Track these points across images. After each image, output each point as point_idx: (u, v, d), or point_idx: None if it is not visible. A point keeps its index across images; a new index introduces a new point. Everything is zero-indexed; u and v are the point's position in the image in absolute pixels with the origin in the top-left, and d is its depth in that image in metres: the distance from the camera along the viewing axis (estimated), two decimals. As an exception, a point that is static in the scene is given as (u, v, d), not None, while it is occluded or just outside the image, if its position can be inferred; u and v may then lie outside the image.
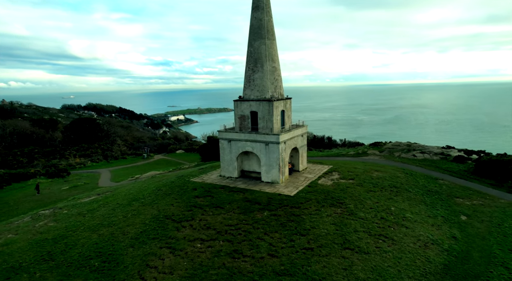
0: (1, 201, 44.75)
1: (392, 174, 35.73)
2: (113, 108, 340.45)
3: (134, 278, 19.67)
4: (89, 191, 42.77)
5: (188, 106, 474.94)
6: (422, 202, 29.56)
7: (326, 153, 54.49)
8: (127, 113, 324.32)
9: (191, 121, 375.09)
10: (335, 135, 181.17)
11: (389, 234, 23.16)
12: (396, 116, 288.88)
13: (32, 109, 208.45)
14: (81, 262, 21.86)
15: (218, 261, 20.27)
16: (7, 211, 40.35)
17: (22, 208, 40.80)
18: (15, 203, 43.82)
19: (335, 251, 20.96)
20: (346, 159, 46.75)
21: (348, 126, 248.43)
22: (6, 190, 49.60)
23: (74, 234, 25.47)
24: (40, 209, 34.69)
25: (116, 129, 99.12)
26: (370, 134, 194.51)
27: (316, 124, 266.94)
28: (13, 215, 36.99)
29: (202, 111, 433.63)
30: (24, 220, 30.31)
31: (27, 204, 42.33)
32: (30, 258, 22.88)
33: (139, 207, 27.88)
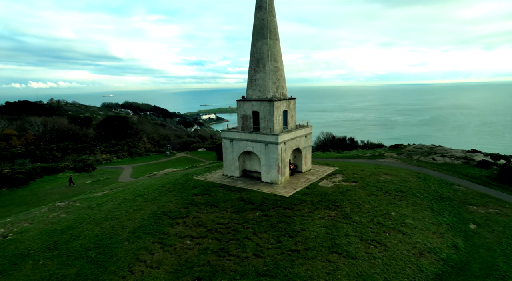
0: (31, 192, 48.28)
1: (402, 178, 34.40)
2: (148, 106, 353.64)
3: (124, 271, 20.64)
4: (107, 186, 45.05)
5: (220, 105, 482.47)
6: (428, 208, 28.26)
7: (342, 155, 53.36)
8: (161, 112, 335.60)
9: (222, 120, 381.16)
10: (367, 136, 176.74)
11: (383, 239, 22.44)
12: (433, 117, 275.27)
13: (75, 107, 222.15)
14: (81, 252, 23.24)
15: (204, 259, 20.73)
16: (35, 201, 43.50)
17: (48, 199, 43.75)
18: (43, 194, 47.10)
19: (321, 254, 20.69)
20: (359, 161, 45.58)
21: (381, 127, 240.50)
22: (38, 182, 53.40)
23: (80, 226, 27.06)
24: (59, 201, 37.07)
25: (144, 127, 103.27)
26: (404, 135, 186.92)
27: (347, 124, 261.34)
28: (37, 205, 39.87)
29: (233, 110, 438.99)
30: (42, 210, 32.63)
31: (53, 196, 45.36)
32: (38, 246, 24.65)
33: (142, 203, 29.05)
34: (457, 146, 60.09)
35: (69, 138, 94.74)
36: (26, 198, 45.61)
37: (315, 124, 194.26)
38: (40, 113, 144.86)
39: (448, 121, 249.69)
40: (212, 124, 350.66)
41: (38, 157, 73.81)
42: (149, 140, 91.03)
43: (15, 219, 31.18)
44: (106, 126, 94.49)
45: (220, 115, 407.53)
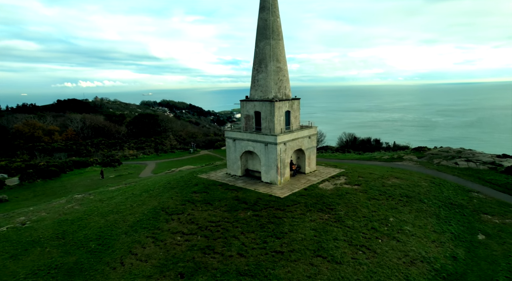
0: (61, 184, 52.00)
1: (413, 182, 32.90)
2: (184, 104, 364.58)
3: (116, 262, 21.80)
4: (124, 181, 47.38)
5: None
6: (434, 215, 26.87)
7: (360, 156, 51.87)
8: (196, 110, 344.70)
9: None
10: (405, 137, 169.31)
11: (373, 246, 21.74)
12: (480, 119, 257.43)
13: (116, 105, 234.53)
14: (83, 242, 24.83)
15: (190, 255, 21.34)
16: (63, 192, 46.77)
17: (74, 191, 46.85)
18: (71, 186, 50.57)
19: (305, 257, 20.50)
20: (374, 163, 44.14)
21: (420, 128, 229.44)
22: (69, 174, 57.38)
23: (88, 218, 28.85)
24: (77, 193, 39.65)
25: (172, 125, 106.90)
26: (445, 137, 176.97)
27: (383, 125, 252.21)
28: (64, 196, 42.90)
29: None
30: (60, 201, 35.15)
31: (79, 188, 48.52)
32: (48, 235, 26.66)
33: (146, 198, 30.35)
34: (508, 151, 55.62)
35: (103, 134, 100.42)
36: (56, 189, 49.22)
37: (349, 124, 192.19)
38: (87, 110, 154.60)
39: (497, 123, 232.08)
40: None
41: (74, 152, 79.12)
42: (176, 137, 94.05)
43: (36, 209, 33.89)
44: (137, 124, 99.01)
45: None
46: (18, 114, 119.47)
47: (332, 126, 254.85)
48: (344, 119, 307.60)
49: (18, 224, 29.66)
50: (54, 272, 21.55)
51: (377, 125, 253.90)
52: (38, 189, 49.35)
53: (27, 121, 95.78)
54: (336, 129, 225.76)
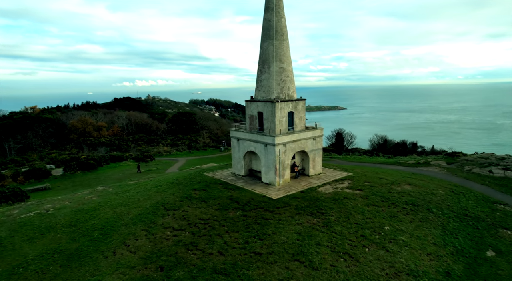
0: (96, 176, 56.41)
1: (427, 190, 30.76)
2: (229, 103, 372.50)
3: (109, 251, 23.39)
4: (146, 175, 50.06)
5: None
6: (440, 226, 24.96)
7: (385, 160, 49.37)
8: (241, 109, 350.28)
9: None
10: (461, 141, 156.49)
11: (357, 254, 20.87)
12: None
13: (166, 103, 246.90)
14: (89, 231, 26.94)
15: (174, 250, 22.20)
16: (96, 184, 50.64)
17: (106, 182, 50.65)
18: (104, 178, 54.64)
19: (282, 260, 20.32)
20: (396, 168, 41.83)
21: (481, 132, 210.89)
22: (104, 168, 62.03)
23: (100, 209, 31.16)
24: (101, 185, 42.82)
25: (208, 123, 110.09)
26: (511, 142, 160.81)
27: (437, 127, 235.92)
28: (93, 187, 46.62)
29: (311, 109, 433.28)
30: (84, 192, 38.30)
31: (109, 180, 52.26)
32: (64, 222, 29.31)
33: (153, 193, 31.97)
34: None
35: (145, 131, 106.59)
36: (91, 180, 53.53)
37: (399, 126, 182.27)
38: (139, 108, 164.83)
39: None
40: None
41: (116, 146, 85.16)
42: (211, 135, 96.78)
43: (63, 198, 37.32)
44: (175, 121, 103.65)
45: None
46: (76, 111, 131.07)
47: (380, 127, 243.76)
48: (394, 120, 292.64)
49: (43, 211, 32.99)
50: (57, 256, 23.72)
51: (430, 127, 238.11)
52: (77, 180, 54.05)
53: (81, 117, 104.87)
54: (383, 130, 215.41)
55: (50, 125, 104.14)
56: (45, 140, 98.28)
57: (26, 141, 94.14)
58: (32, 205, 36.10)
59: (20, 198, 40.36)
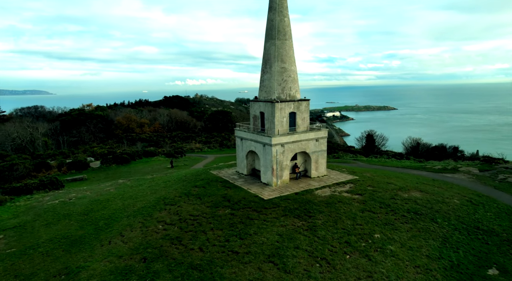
0: (127, 170, 60.16)
1: (440, 198, 28.53)
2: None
3: (106, 240, 25.08)
4: (169, 171, 52.31)
5: (346, 103, 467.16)
6: (440, 237, 23.09)
7: (409, 164, 46.38)
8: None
9: (347, 118, 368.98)
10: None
11: (335, 260, 20.13)
12: None
13: (212, 101, 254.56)
14: (96, 220, 29.07)
15: (160, 243, 23.18)
16: (126, 176, 54.19)
17: (133, 176, 53.94)
18: (134, 172, 58.13)
19: (256, 261, 20.29)
20: (417, 173, 39.22)
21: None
22: (137, 162, 65.98)
23: (113, 200, 33.43)
24: (122, 178, 45.66)
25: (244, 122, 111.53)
26: None
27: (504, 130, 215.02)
28: (118, 179, 49.91)
29: (359, 109, 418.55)
30: (106, 184, 41.26)
31: (138, 174, 55.51)
32: (79, 211, 31.94)
33: (160, 188, 33.51)
34: None
35: (184, 128, 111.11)
36: (122, 173, 57.32)
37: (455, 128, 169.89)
38: (187, 106, 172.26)
39: None
40: (335, 122, 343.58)
41: (153, 142, 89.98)
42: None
43: (87, 188, 40.60)
44: (212, 120, 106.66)
45: (345, 113, 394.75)
46: (124, 108, 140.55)
47: (433, 129, 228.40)
48: (450, 121, 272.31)
49: (67, 199, 36.24)
50: (63, 241, 26.00)
51: (495, 130, 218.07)
52: (110, 172, 58.23)
53: (126, 114, 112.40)
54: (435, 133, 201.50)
55: (100, 121, 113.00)
56: (95, 135, 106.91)
57: (80, 135, 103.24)
58: (61, 194, 39.79)
59: (56, 186, 44.61)
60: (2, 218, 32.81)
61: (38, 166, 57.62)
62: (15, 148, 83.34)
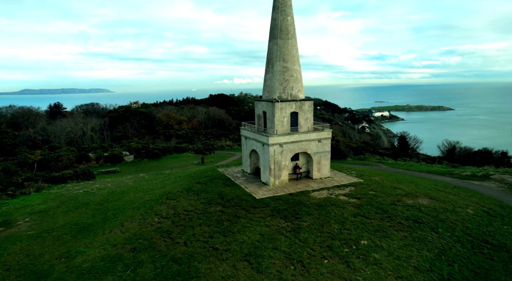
0: (157, 164, 63.22)
1: (451, 207, 26.39)
2: (319, 101, 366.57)
3: (108, 229, 26.80)
4: (189, 167, 54.07)
5: (397, 102, 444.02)
6: (437, 249, 21.43)
7: (438, 169, 43.16)
8: (331, 107, 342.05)
9: (396, 119, 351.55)
10: None
11: (312, 264, 19.64)
12: None
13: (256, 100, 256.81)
14: (107, 210, 31.18)
15: (151, 235, 24.30)
16: (153, 170, 57.17)
17: (159, 170, 56.67)
18: (162, 166, 61.02)
19: (233, 259, 20.50)
20: (439, 178, 36.49)
21: None
22: (167, 157, 69.19)
23: (127, 192, 35.57)
24: (143, 172, 48.16)
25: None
26: None
27: None
28: (146, 172, 52.77)
29: (411, 108, 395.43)
30: (128, 177, 43.94)
31: (165, 168, 58.32)
32: (97, 200, 34.49)
33: (169, 183, 34.98)
34: None
35: (220, 126, 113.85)
36: (151, 167, 60.52)
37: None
38: (230, 104, 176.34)
39: None
40: (383, 122, 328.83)
41: (188, 139, 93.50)
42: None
43: (111, 180, 43.58)
44: (247, 118, 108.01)
45: (395, 113, 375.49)
46: (166, 105, 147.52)
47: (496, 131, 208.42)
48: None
49: (90, 190, 39.30)
50: (74, 228, 28.35)
51: None
52: (141, 166, 61.82)
53: (166, 112, 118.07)
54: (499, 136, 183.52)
55: (143, 118, 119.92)
56: (138, 130, 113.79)
57: (124, 131, 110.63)
58: (89, 184, 43.21)
59: (87, 177, 48.53)
60: (34, 203, 36.54)
61: (79, 158, 63.00)
62: (68, 141, 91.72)
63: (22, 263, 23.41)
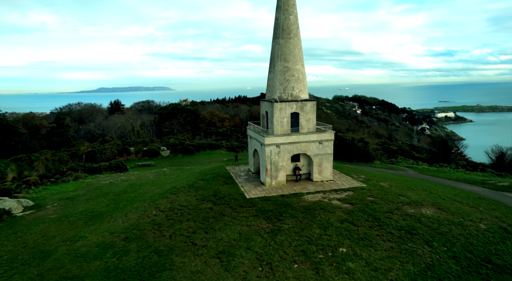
0: (189, 160, 65.64)
1: (459, 220, 23.89)
2: (375, 100, 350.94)
3: (113, 218, 28.84)
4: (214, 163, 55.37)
5: (465, 102, 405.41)
6: (424, 264, 19.63)
7: (473, 177, 38.95)
8: (388, 106, 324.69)
9: (463, 120, 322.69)
10: None
11: (280, 267, 19.26)
12: None
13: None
14: (120, 200, 33.57)
15: (144, 226, 25.64)
16: (185, 165, 59.86)
17: (193, 165, 59.10)
18: (194, 162, 63.53)
19: (207, 255, 20.90)
20: (466, 188, 33.07)
21: None
22: (201, 154, 71.72)
23: (144, 185, 37.83)
24: (167, 167, 50.56)
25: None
26: None
27: None
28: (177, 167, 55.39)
29: (482, 109, 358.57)
30: (152, 170, 46.61)
31: (196, 163, 60.70)
32: (117, 191, 37.29)
33: (181, 179, 36.44)
34: None
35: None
36: (183, 162, 63.32)
37: None
38: None
39: None
40: (447, 124, 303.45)
41: (227, 136, 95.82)
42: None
43: (136, 173, 46.63)
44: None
45: (462, 114, 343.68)
46: (214, 103, 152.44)
47: None
48: None
49: (115, 181, 42.58)
50: (88, 215, 31.03)
51: None
52: (174, 161, 65.03)
53: (210, 109, 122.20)
54: None
55: (190, 115, 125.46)
56: (184, 127, 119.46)
57: (171, 127, 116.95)
58: (117, 176, 46.80)
59: (120, 169, 52.50)
60: (67, 190, 40.66)
61: (121, 151, 68.25)
62: (118, 136, 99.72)
63: (37, 242, 26.34)
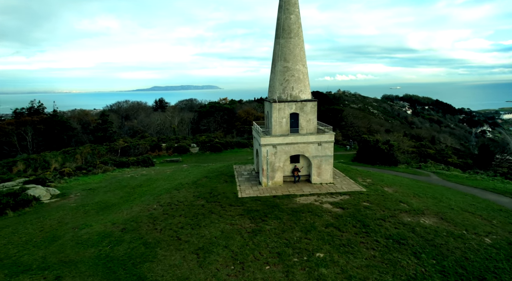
0: (215, 157, 67.15)
1: (461, 232, 21.90)
2: (428, 100, 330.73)
3: (120, 210, 30.66)
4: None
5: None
6: (405, 276, 18.32)
7: (501, 186, 35.15)
8: (442, 107, 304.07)
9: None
10: None
11: (251, 267, 19.15)
12: None
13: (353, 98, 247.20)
14: (133, 194, 35.51)
15: (142, 219, 26.86)
16: (211, 162, 61.52)
17: (216, 162, 60.51)
18: (220, 159, 64.94)
19: (187, 250, 21.42)
20: (490, 198, 30.05)
21: None
22: (228, 151, 72.86)
23: (160, 180, 39.55)
24: (188, 163, 52.12)
25: (353, 120, 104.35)
26: None
27: None
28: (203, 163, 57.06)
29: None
30: (171, 167, 48.46)
31: (222, 161, 61.95)
32: (134, 184, 39.42)
33: (193, 175, 37.42)
34: None
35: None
36: (209, 159, 65.01)
37: None
38: (326, 102, 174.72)
39: None
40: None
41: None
42: (354, 133, 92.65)
43: (158, 169, 48.81)
44: (322, 116, 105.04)
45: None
46: (252, 102, 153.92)
47: None
48: None
49: (136, 175, 45.03)
50: (102, 205, 33.24)
51: None
52: (202, 158, 67.01)
53: (246, 108, 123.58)
54: None
55: (227, 113, 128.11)
56: (220, 125, 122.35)
57: (208, 125, 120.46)
58: (140, 170, 49.44)
59: (147, 164, 55.39)
60: (93, 181, 43.93)
61: (153, 147, 71.87)
62: (156, 132, 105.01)
63: (52, 227, 28.87)
